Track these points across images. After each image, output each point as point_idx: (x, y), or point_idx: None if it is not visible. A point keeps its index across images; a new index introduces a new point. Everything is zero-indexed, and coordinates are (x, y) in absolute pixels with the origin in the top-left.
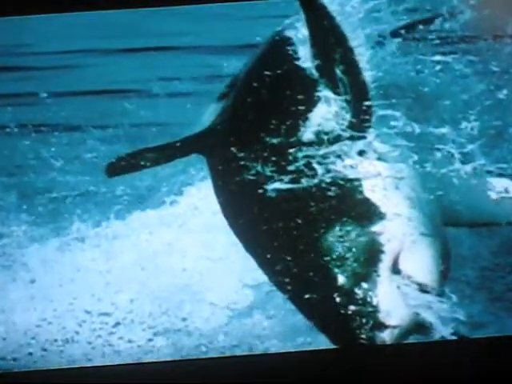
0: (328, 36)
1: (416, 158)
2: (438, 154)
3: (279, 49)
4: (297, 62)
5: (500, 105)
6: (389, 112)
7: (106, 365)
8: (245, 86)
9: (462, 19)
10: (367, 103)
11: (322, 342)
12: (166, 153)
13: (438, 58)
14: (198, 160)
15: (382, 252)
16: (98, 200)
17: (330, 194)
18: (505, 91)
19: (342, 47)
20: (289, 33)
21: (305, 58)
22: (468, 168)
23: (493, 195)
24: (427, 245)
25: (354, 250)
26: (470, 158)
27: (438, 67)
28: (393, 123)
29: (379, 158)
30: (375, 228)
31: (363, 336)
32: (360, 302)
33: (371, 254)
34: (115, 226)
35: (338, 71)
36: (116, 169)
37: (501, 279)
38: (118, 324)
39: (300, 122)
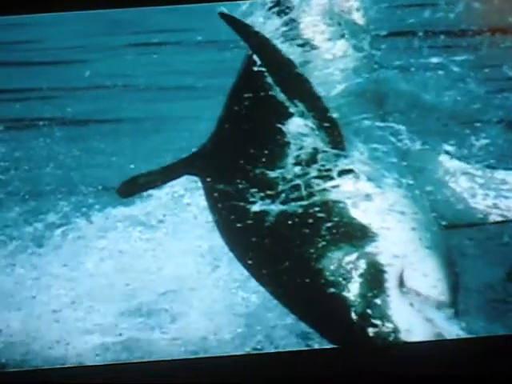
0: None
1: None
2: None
3: (252, 74)
4: (268, 88)
5: None
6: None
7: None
8: (226, 112)
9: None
10: (329, 121)
11: None
12: (164, 175)
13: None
14: None
15: (384, 272)
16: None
17: (318, 216)
18: None
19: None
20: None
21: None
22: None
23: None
24: (429, 257)
25: (355, 273)
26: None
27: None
28: (380, 137)
29: (365, 177)
30: (371, 249)
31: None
32: (377, 323)
33: (374, 275)
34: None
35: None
36: (127, 190)
37: None
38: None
39: (280, 145)
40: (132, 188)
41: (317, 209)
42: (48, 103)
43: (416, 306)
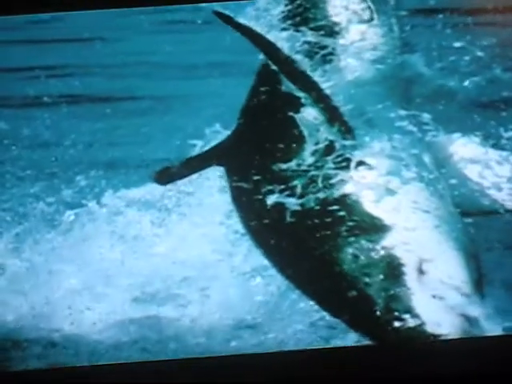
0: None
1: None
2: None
3: (269, 67)
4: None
5: None
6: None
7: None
8: (247, 104)
9: None
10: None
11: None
12: (193, 165)
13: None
14: None
15: (402, 265)
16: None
17: (335, 209)
18: None
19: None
20: None
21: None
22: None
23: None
24: (450, 248)
25: (374, 266)
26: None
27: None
28: (400, 127)
29: (384, 170)
30: (387, 242)
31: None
32: (401, 317)
33: (392, 268)
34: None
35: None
36: (160, 179)
37: None
38: None
39: (296, 137)
40: (165, 178)
41: (334, 202)
42: (69, 81)
43: (439, 297)
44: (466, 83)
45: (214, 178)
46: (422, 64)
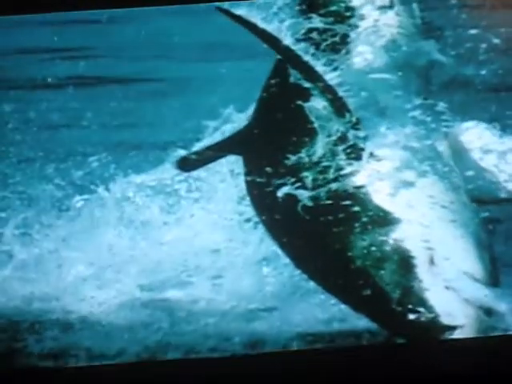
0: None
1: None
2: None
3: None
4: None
5: None
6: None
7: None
8: (262, 95)
9: None
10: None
11: None
12: (211, 153)
13: None
14: None
15: (412, 257)
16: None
17: (344, 201)
18: None
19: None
20: None
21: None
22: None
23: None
24: (461, 238)
25: (385, 259)
26: None
27: None
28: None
29: (397, 161)
30: (397, 234)
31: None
32: (416, 309)
33: (402, 261)
34: None
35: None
36: (186, 164)
37: None
38: None
39: (308, 129)
40: (187, 165)
41: (346, 194)
42: (82, 62)
43: (452, 287)
44: (483, 71)
45: (227, 163)
46: (438, 51)
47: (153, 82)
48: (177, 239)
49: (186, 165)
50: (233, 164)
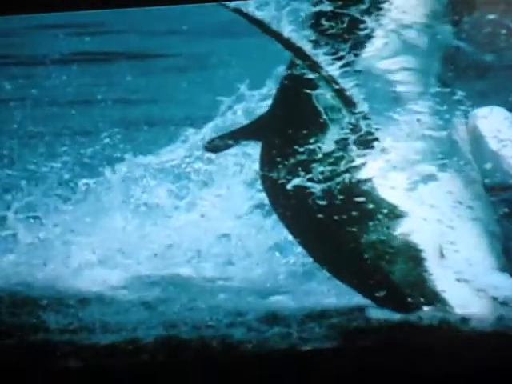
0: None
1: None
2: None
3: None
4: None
5: None
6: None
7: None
8: (281, 89)
9: None
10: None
11: None
12: (233, 138)
13: None
14: None
15: (420, 251)
16: None
17: (355, 194)
18: None
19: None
20: None
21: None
22: None
23: None
24: (473, 230)
25: (394, 254)
26: None
27: None
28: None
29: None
30: (404, 228)
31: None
32: (430, 303)
33: (410, 255)
34: None
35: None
36: (214, 147)
37: None
38: None
39: (320, 123)
40: (215, 147)
41: (358, 187)
42: (97, 37)
43: (463, 278)
44: (502, 58)
45: (238, 145)
46: (456, 37)
47: (167, 58)
48: (185, 223)
49: (213, 147)
50: (244, 147)
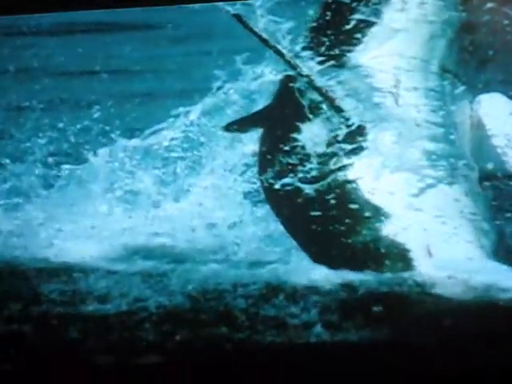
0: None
1: None
2: None
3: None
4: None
5: None
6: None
7: None
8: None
9: None
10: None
11: None
12: (243, 125)
13: None
14: None
15: (408, 250)
16: None
17: (344, 193)
18: None
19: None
20: None
21: None
22: None
23: None
24: (459, 225)
25: (382, 254)
26: None
27: None
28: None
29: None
30: (389, 229)
31: None
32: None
33: (397, 256)
34: None
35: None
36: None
37: None
38: None
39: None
40: (234, 129)
41: (345, 186)
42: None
43: (455, 276)
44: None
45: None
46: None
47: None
48: (171, 208)
49: (231, 127)
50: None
